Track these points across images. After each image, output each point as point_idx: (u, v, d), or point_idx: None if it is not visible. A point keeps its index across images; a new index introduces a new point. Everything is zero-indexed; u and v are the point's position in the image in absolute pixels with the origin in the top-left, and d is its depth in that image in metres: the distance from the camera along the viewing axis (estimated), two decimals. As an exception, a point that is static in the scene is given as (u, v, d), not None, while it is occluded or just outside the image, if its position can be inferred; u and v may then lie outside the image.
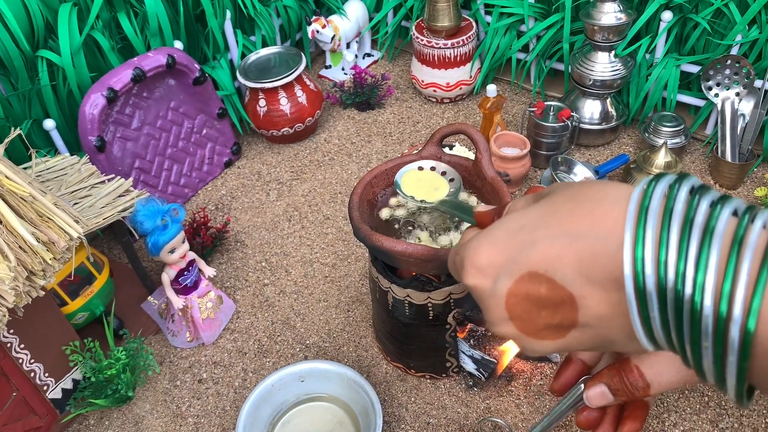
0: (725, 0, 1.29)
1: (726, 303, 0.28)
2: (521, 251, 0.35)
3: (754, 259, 0.28)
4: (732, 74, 1.30)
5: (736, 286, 0.28)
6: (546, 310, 0.35)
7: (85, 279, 1.07)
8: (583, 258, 0.33)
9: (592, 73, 1.37)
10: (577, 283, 0.33)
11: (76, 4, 1.22)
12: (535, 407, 1.01)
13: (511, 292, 0.36)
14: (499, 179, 0.91)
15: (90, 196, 1.05)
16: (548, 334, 0.36)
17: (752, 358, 0.29)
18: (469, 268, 0.38)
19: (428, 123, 1.60)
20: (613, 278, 0.32)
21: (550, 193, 0.38)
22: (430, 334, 0.98)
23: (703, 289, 0.29)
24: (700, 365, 0.31)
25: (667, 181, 0.32)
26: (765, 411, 0.98)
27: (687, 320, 0.30)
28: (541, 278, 0.34)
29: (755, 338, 0.28)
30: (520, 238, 0.36)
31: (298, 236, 1.33)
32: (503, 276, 0.36)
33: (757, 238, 0.29)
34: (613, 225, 0.32)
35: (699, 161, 1.42)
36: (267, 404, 1.00)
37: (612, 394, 0.42)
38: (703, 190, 0.31)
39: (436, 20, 1.52)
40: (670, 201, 0.31)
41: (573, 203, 0.35)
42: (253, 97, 1.49)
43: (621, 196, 0.33)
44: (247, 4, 1.50)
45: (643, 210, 0.31)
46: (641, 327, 0.32)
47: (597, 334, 0.35)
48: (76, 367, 1.03)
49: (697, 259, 0.29)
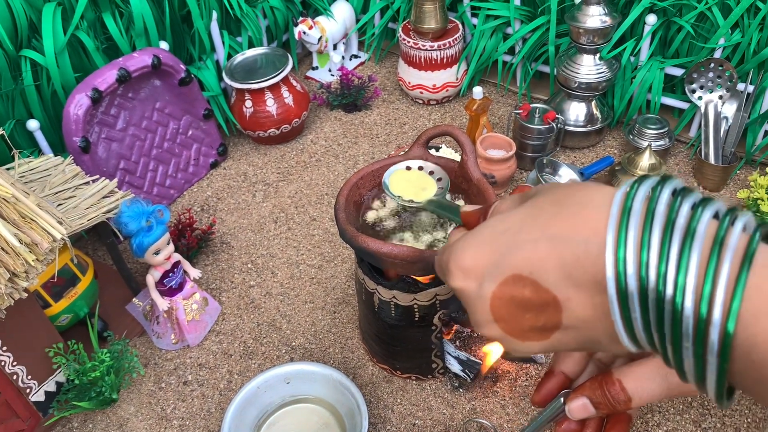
0: (709, 4, 1.30)
1: (706, 304, 0.29)
2: (506, 254, 0.36)
3: (733, 262, 0.29)
4: (715, 77, 1.32)
5: (716, 288, 0.29)
6: (530, 312, 0.36)
7: (69, 280, 1.07)
8: (567, 261, 0.33)
9: (577, 76, 1.38)
10: (561, 285, 0.34)
11: (60, 3, 1.21)
12: (521, 408, 1.02)
13: (496, 295, 0.36)
14: (484, 181, 0.91)
15: (74, 197, 1.04)
16: (533, 335, 0.37)
17: (732, 359, 0.29)
18: (454, 270, 0.38)
19: (415, 125, 1.60)
20: (596, 281, 0.32)
21: (535, 195, 0.38)
22: (416, 335, 0.99)
23: (684, 291, 0.29)
24: (681, 366, 0.31)
25: (649, 183, 0.33)
26: (747, 411, 0.99)
27: (668, 321, 0.30)
28: (526, 281, 0.35)
29: (734, 340, 0.29)
30: (504, 240, 0.36)
31: (285, 238, 1.33)
32: (488, 278, 0.36)
33: (737, 241, 0.29)
34: (596, 229, 0.33)
35: (683, 163, 1.43)
36: (252, 406, 1.00)
37: (594, 407, 0.42)
38: (686, 192, 0.32)
39: (422, 22, 1.52)
40: (652, 203, 0.32)
41: (557, 206, 0.35)
42: (239, 98, 1.49)
43: (604, 200, 0.33)
44: (234, 5, 1.50)
45: (625, 212, 0.32)
46: (623, 328, 0.32)
47: (581, 335, 0.35)
48: (60, 369, 1.02)
49: (678, 261, 0.30)
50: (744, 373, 0.30)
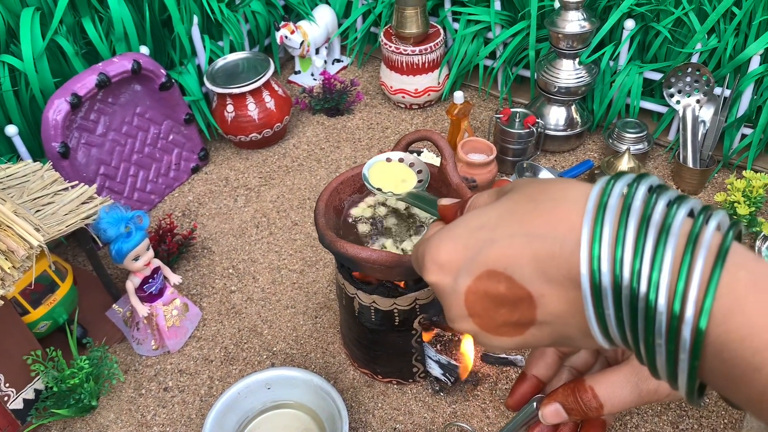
0: (685, 9, 1.32)
1: (679, 302, 0.29)
2: (481, 249, 0.36)
3: (707, 260, 0.29)
4: (692, 82, 1.33)
5: (689, 286, 0.29)
6: (505, 307, 0.36)
7: (48, 287, 1.06)
8: (541, 257, 0.33)
9: (557, 81, 1.39)
10: (535, 281, 0.34)
11: (38, 8, 1.21)
12: (501, 411, 1.02)
13: (471, 290, 0.36)
14: (463, 185, 0.92)
15: (53, 204, 1.04)
16: (507, 330, 0.37)
17: (703, 357, 0.30)
18: (429, 264, 0.38)
19: (397, 129, 1.60)
20: (570, 277, 0.32)
21: (511, 190, 0.38)
22: (396, 339, 0.99)
23: (657, 288, 0.29)
24: (653, 363, 0.31)
25: (625, 180, 0.33)
26: (723, 411, 1.00)
27: (641, 318, 0.30)
28: (500, 276, 0.35)
29: (706, 338, 0.29)
30: (480, 236, 0.36)
31: (266, 242, 1.33)
32: (463, 273, 0.36)
33: (711, 239, 0.29)
34: (571, 225, 0.33)
35: (662, 167, 1.45)
36: (233, 412, 0.99)
37: (566, 413, 0.43)
38: (661, 190, 0.32)
39: (404, 27, 1.53)
40: (628, 199, 0.32)
41: (532, 202, 0.35)
42: (220, 102, 1.49)
43: (580, 196, 0.34)
44: (215, 10, 1.49)
45: (600, 208, 0.32)
46: (596, 324, 0.32)
47: (555, 331, 0.35)
48: (38, 377, 1.01)
49: (652, 258, 0.30)
50: (715, 371, 0.30)
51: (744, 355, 0.28)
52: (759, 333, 0.28)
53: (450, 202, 0.46)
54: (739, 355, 0.28)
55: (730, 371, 0.29)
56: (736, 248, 0.30)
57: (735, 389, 0.30)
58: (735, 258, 0.29)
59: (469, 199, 0.42)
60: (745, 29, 1.28)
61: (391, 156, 0.91)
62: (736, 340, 0.28)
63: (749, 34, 1.28)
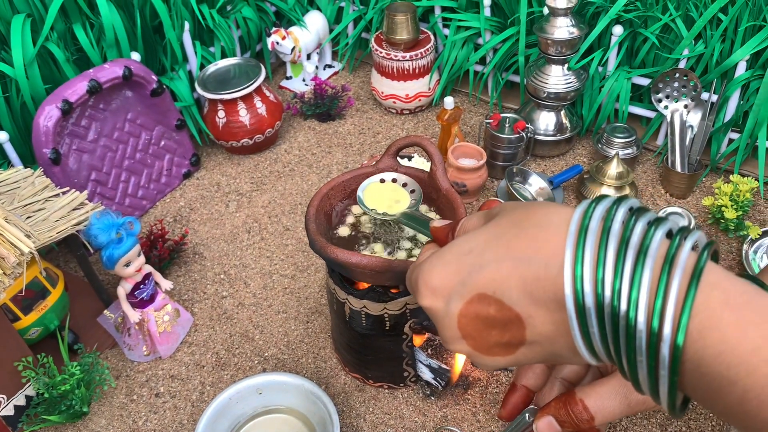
0: (672, 16, 1.33)
1: (657, 319, 0.30)
2: (471, 274, 0.37)
3: (682, 280, 0.30)
4: (680, 87, 1.35)
5: (666, 304, 0.30)
6: (495, 329, 0.37)
7: (39, 293, 1.06)
8: (528, 281, 0.35)
9: (546, 86, 1.40)
10: (523, 303, 0.35)
11: (29, 15, 1.21)
12: (491, 415, 1.03)
13: (462, 313, 0.38)
14: (453, 191, 0.92)
15: (44, 210, 1.04)
16: (499, 350, 0.39)
17: (683, 372, 0.31)
18: (423, 289, 0.40)
19: (388, 134, 1.61)
20: (556, 299, 0.34)
21: (498, 215, 0.40)
22: (387, 344, 0.99)
23: (636, 306, 0.31)
24: (636, 378, 0.33)
25: (606, 203, 0.34)
26: (711, 414, 1.01)
27: (623, 335, 0.32)
28: (490, 299, 0.37)
29: (684, 354, 0.30)
30: (469, 260, 0.38)
31: (258, 248, 1.33)
32: (455, 297, 0.38)
33: (687, 259, 0.31)
34: (554, 249, 0.34)
35: (650, 171, 1.46)
36: (224, 417, 1.00)
37: (559, 425, 0.44)
38: (640, 212, 0.33)
39: (394, 33, 1.54)
40: (607, 222, 0.33)
41: (517, 228, 0.37)
42: (212, 108, 1.49)
43: (562, 220, 0.35)
44: (206, 16, 1.50)
45: (582, 231, 0.33)
46: (582, 342, 0.34)
47: (544, 349, 0.37)
48: (29, 383, 1.01)
49: (631, 278, 0.31)
50: (695, 385, 0.31)
51: (720, 370, 0.30)
52: (733, 348, 0.29)
53: (441, 224, 0.48)
54: (715, 369, 0.30)
55: (708, 385, 0.31)
56: (711, 268, 0.31)
57: (714, 401, 0.31)
58: (710, 277, 0.31)
59: (459, 222, 0.44)
60: (732, 35, 1.30)
61: (385, 177, 0.92)
62: (712, 355, 0.30)
63: (735, 40, 1.29)
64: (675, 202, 1.38)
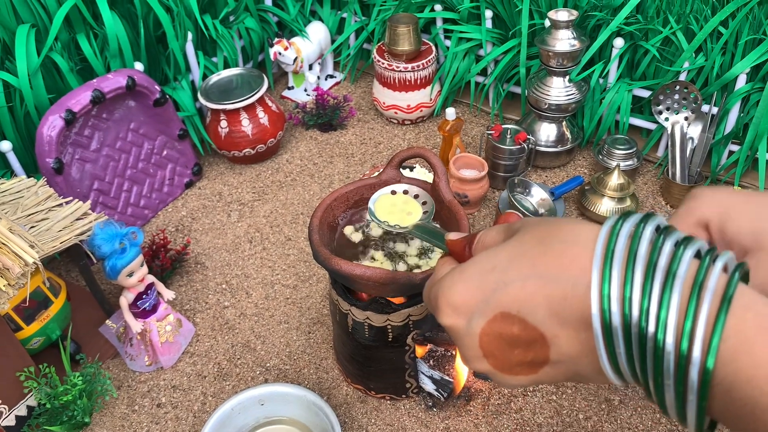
0: (673, 29, 1.34)
1: (687, 341, 0.30)
2: (494, 292, 0.36)
3: (713, 301, 0.30)
4: (681, 99, 1.35)
5: (696, 326, 0.29)
6: (518, 348, 0.37)
7: (41, 303, 1.06)
8: (554, 300, 0.34)
9: (547, 98, 1.41)
10: (548, 323, 0.35)
11: (34, 25, 1.22)
12: (494, 426, 1.03)
13: (485, 332, 0.37)
14: (456, 202, 0.93)
15: (47, 219, 1.04)
16: (521, 370, 0.38)
17: (712, 397, 0.30)
18: (443, 307, 0.39)
19: (390, 144, 1.62)
20: (582, 318, 0.33)
21: (520, 230, 0.39)
22: (389, 355, 0.99)
23: (665, 327, 0.30)
24: (662, 400, 0.32)
25: (633, 220, 0.34)
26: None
27: (650, 357, 0.31)
28: (514, 318, 0.36)
29: (714, 378, 0.29)
30: (492, 278, 0.37)
31: (260, 258, 1.34)
32: (477, 315, 0.37)
33: (717, 282, 0.30)
34: (581, 268, 0.33)
35: (651, 183, 1.46)
36: (226, 428, 0.99)
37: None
38: (668, 231, 0.33)
39: (396, 44, 1.54)
40: (635, 242, 0.32)
41: (542, 245, 0.36)
42: (214, 118, 1.50)
43: (588, 238, 0.34)
44: (209, 26, 1.51)
45: (609, 251, 0.33)
46: (608, 362, 0.33)
47: (568, 369, 0.36)
48: (31, 393, 1.01)
49: (660, 298, 0.31)
50: (724, 410, 0.30)
51: (753, 395, 0.29)
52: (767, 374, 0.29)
53: (458, 236, 0.46)
54: (747, 394, 0.29)
55: (740, 411, 0.30)
56: (743, 290, 0.30)
57: (744, 427, 0.30)
58: (742, 300, 0.30)
59: (477, 235, 0.43)
60: (732, 48, 1.30)
61: (396, 188, 0.92)
62: (743, 380, 0.29)
63: (736, 53, 1.30)
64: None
